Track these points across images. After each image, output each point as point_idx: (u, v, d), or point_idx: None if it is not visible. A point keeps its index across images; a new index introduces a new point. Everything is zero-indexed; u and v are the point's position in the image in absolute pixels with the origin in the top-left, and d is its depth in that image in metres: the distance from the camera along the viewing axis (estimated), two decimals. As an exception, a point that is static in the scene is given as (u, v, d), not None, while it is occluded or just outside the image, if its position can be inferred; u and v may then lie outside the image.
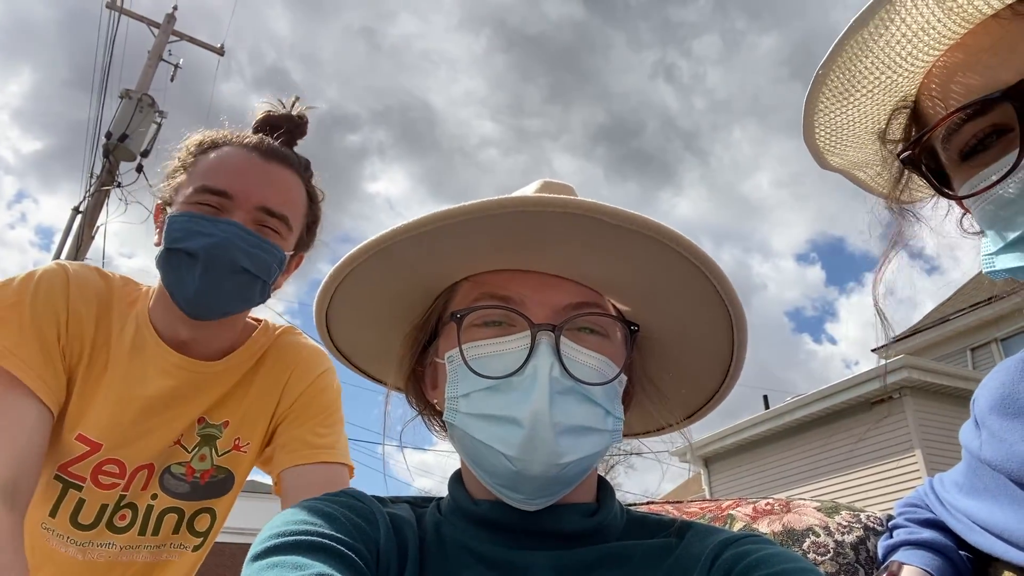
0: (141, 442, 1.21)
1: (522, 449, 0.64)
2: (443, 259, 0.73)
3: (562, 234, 0.67)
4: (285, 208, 1.19)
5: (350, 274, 0.74)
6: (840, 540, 1.01)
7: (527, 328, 0.68)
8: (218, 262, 1.11)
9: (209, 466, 1.28)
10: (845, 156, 0.79)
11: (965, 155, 0.67)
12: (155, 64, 10.82)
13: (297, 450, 1.25)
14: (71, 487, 1.20)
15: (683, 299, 0.73)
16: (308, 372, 1.33)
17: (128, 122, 9.52)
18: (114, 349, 1.20)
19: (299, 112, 1.32)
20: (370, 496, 0.73)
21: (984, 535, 0.82)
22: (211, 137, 1.24)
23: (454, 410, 0.70)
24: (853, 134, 0.76)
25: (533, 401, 0.65)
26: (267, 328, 1.36)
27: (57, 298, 1.16)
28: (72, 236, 9.84)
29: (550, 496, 0.69)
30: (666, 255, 0.68)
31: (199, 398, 1.24)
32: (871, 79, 0.69)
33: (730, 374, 0.80)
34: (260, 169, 1.18)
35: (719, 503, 1.16)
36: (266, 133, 1.27)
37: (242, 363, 1.28)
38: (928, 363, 10.74)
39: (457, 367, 0.71)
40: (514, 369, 0.67)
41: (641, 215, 0.66)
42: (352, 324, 0.83)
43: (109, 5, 10.76)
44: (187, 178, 1.19)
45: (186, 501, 1.28)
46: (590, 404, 0.68)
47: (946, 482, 0.94)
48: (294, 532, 0.62)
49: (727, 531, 0.73)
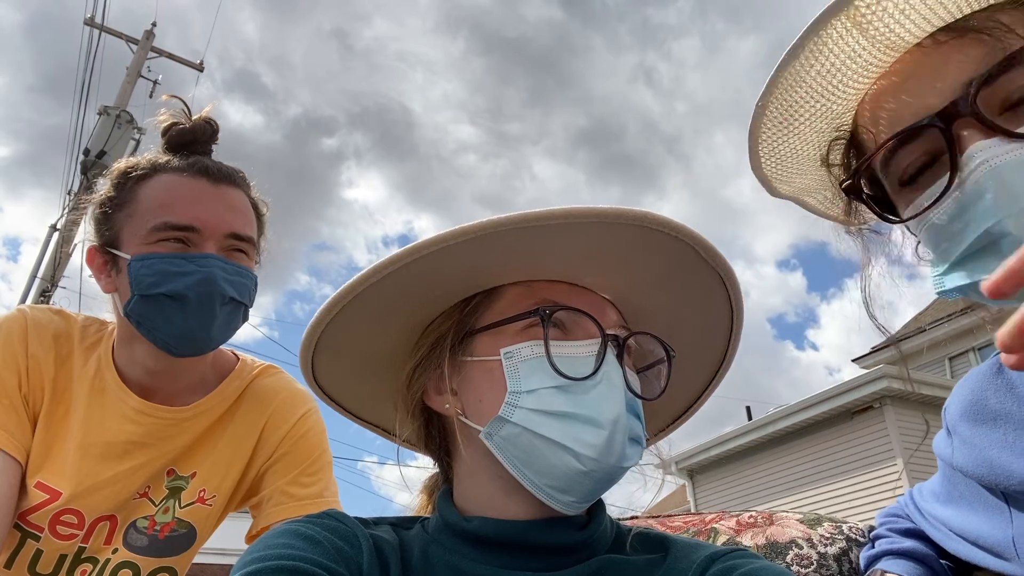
0: (102, 492, 1.15)
1: (600, 450, 0.67)
2: (491, 264, 0.73)
3: (612, 248, 0.72)
4: (248, 229, 1.17)
5: (347, 306, 0.74)
6: (823, 552, 1.02)
7: (596, 335, 0.71)
8: (208, 298, 1.08)
9: (170, 519, 1.21)
10: (793, 184, 0.81)
11: (904, 182, 0.68)
12: (134, 80, 10.75)
13: (282, 503, 1.21)
14: (29, 536, 1.15)
15: (703, 323, 0.79)
16: (286, 418, 1.27)
17: (106, 139, 9.43)
18: (75, 393, 1.17)
19: (206, 117, 1.25)
20: (352, 518, 0.72)
21: (962, 543, 0.83)
22: (138, 165, 1.17)
23: (514, 406, 0.69)
24: (797, 162, 0.78)
25: (614, 404, 0.68)
26: (243, 369, 1.30)
27: (16, 345, 1.14)
28: (49, 253, 9.71)
29: (592, 500, 0.72)
30: (705, 276, 0.75)
31: (163, 446, 1.18)
32: (808, 108, 0.71)
33: (711, 385, 0.84)
34: (216, 195, 1.14)
35: (703, 517, 1.16)
36: (181, 149, 1.21)
37: (212, 409, 1.23)
38: (907, 372, 10.87)
39: (523, 363, 0.70)
40: (589, 372, 0.69)
41: (686, 227, 0.71)
42: (344, 358, 0.81)
43: (88, 22, 10.70)
44: (130, 215, 1.13)
45: (143, 556, 1.20)
46: (639, 418, 0.73)
47: (924, 492, 0.95)
48: (276, 556, 0.61)
49: (713, 546, 0.73)
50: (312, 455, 1.27)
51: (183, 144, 1.21)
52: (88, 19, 10.70)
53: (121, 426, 1.16)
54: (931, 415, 4.63)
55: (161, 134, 1.23)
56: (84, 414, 1.15)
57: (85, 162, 9.41)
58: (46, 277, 9.57)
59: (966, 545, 0.82)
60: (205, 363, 1.23)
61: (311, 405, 1.31)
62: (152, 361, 1.16)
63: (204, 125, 1.24)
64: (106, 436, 1.15)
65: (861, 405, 10.50)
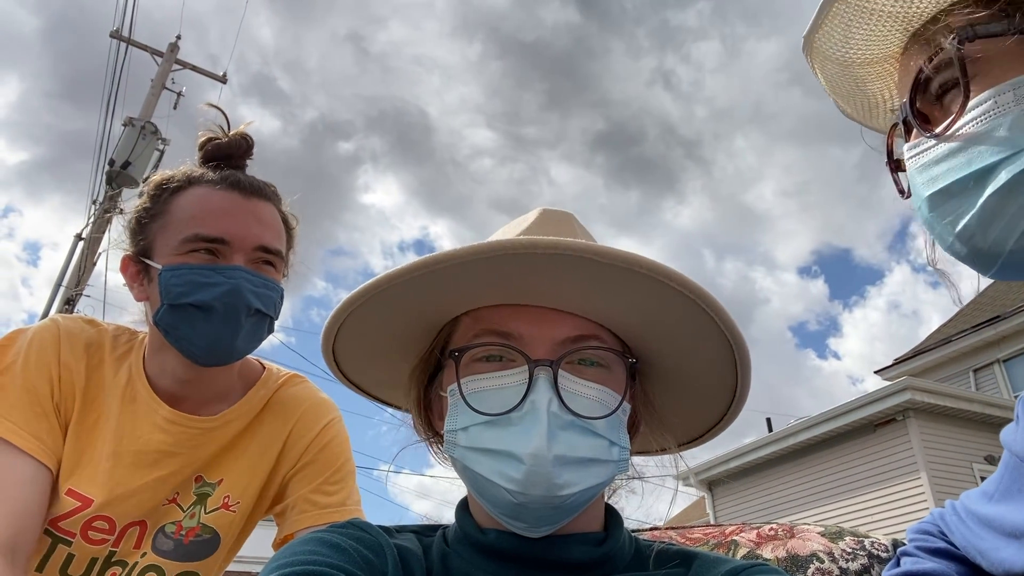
0: (133, 499, 1.17)
1: (522, 484, 0.65)
2: (441, 298, 0.74)
3: (557, 272, 0.68)
4: (277, 242, 1.20)
5: (350, 315, 0.75)
6: (844, 567, 1.00)
7: (525, 364, 0.69)
8: (234, 309, 1.11)
9: (195, 524, 1.23)
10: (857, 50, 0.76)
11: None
12: (158, 92, 10.93)
13: (305, 511, 1.23)
14: (60, 542, 1.17)
15: (685, 331, 0.73)
16: (310, 427, 1.29)
17: (131, 150, 9.60)
18: (106, 401, 1.19)
19: (241, 133, 1.29)
20: (376, 527, 0.73)
21: (1004, 545, 0.77)
22: (173, 177, 1.21)
23: (453, 443, 0.71)
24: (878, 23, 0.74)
25: (532, 436, 0.65)
26: (269, 379, 1.32)
27: (49, 354, 1.17)
28: (74, 262, 9.88)
29: (553, 524, 0.69)
30: (663, 290, 0.69)
31: (192, 455, 1.21)
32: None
33: (735, 401, 0.80)
34: (246, 209, 1.17)
35: (723, 529, 1.15)
36: (217, 164, 1.25)
37: (239, 418, 1.25)
38: (931, 384, 10.69)
39: (456, 402, 0.71)
40: (513, 405, 0.67)
41: (633, 253, 0.66)
42: (359, 360, 0.84)
43: (114, 34, 10.90)
44: (163, 226, 1.16)
45: (168, 560, 1.22)
46: (592, 436, 0.68)
47: (973, 495, 0.91)
48: (303, 562, 0.62)
49: (735, 560, 0.72)
50: (336, 464, 1.29)
51: (218, 158, 1.25)
52: (114, 32, 10.91)
53: (152, 435, 1.18)
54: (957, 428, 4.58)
55: (198, 148, 1.27)
56: (116, 423, 1.18)
57: (110, 172, 9.58)
58: (70, 285, 9.73)
59: (1007, 547, 0.77)
60: (232, 372, 1.26)
61: (335, 415, 1.34)
62: (181, 370, 1.18)
63: (240, 140, 1.28)
64: (137, 445, 1.17)
65: (884, 418, 10.33)
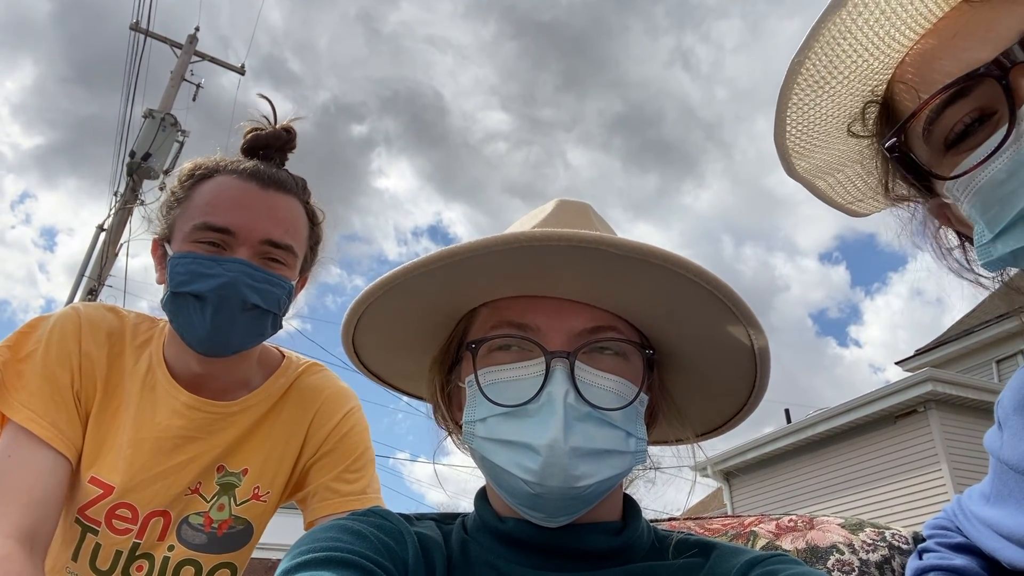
0: (153, 486, 1.18)
1: (539, 475, 0.65)
2: (459, 289, 0.74)
3: (572, 264, 0.68)
4: (288, 237, 1.17)
5: (369, 307, 0.76)
6: (865, 559, 1.00)
7: (542, 355, 0.69)
8: (227, 303, 1.10)
9: (227, 516, 1.24)
10: (813, 158, 0.78)
11: (950, 143, 0.65)
12: (177, 84, 11.02)
13: (326, 499, 1.24)
14: (88, 531, 1.18)
15: (702, 321, 0.73)
16: (331, 415, 1.30)
17: (151, 141, 9.70)
18: (127, 389, 1.20)
19: (285, 126, 1.29)
20: (397, 514, 0.74)
21: (1009, 547, 0.79)
22: (203, 165, 1.21)
23: (471, 434, 0.72)
24: (823, 130, 0.75)
25: (549, 428, 0.65)
26: (288, 367, 1.32)
27: (69, 342, 1.17)
28: (96, 252, 10.01)
29: (570, 515, 0.70)
30: (679, 281, 0.68)
31: (212, 440, 1.22)
32: (847, 64, 0.68)
33: (754, 392, 0.79)
34: (260, 200, 1.16)
35: (741, 520, 1.15)
36: (257, 155, 1.25)
37: (259, 404, 1.26)
38: (953, 375, 10.57)
39: (474, 393, 0.72)
40: (529, 396, 0.68)
41: (649, 244, 0.66)
42: (379, 350, 0.84)
43: (134, 27, 10.99)
44: (183, 211, 1.17)
45: (203, 554, 1.23)
46: (609, 427, 0.69)
47: (974, 494, 0.91)
48: (324, 548, 0.63)
49: (753, 551, 0.72)
50: (356, 452, 1.30)
51: (258, 149, 1.26)
52: (133, 24, 11.00)
53: (171, 420, 1.19)
54: (979, 419, 4.55)
55: (242, 138, 1.29)
56: (136, 410, 1.19)
57: (131, 164, 9.69)
58: (92, 276, 9.87)
59: (1012, 548, 0.79)
60: (251, 360, 1.27)
61: (355, 403, 1.35)
62: (195, 357, 1.19)
63: (280, 132, 1.28)
64: (157, 431, 1.18)
65: (905, 409, 10.24)
